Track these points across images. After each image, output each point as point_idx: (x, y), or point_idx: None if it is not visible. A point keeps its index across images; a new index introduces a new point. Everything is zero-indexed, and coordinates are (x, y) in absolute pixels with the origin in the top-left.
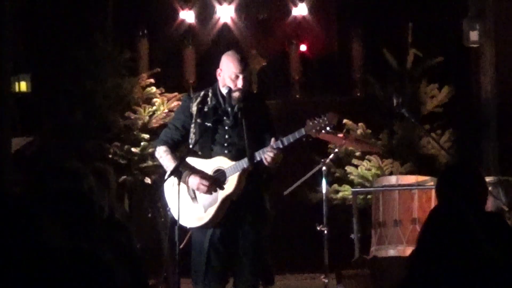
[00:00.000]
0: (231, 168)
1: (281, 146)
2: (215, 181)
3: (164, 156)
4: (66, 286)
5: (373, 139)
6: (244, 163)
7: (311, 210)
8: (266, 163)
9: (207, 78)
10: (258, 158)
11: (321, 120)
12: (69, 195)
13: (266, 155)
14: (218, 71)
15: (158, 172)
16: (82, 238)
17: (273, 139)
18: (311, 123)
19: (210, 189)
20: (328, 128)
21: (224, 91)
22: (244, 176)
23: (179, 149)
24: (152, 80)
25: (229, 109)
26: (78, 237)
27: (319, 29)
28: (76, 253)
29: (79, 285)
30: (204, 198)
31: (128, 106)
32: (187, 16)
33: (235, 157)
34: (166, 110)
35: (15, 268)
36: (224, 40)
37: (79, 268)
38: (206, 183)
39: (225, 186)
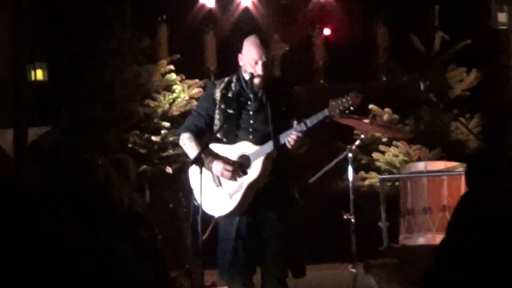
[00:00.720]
0: (255, 153)
1: (304, 128)
2: (240, 166)
3: (188, 143)
4: (84, 280)
5: (400, 124)
6: (268, 147)
7: (337, 198)
8: (289, 147)
9: (228, 64)
10: (282, 142)
11: (344, 100)
12: (86, 188)
13: (289, 138)
14: (240, 56)
15: (180, 161)
16: (100, 231)
17: (295, 122)
18: (334, 103)
19: (235, 175)
20: (351, 108)
21: (246, 76)
22: (269, 161)
23: (203, 136)
24: (172, 67)
25: (252, 95)
26: (96, 230)
27: (343, 13)
28: (93, 247)
29: (97, 279)
30: (229, 185)
31: (147, 94)
32: (208, 0)
33: (260, 142)
34: (186, 97)
35: (33, 261)
36: (245, 25)
37: (96, 262)
38: (230, 168)
39: (249, 171)
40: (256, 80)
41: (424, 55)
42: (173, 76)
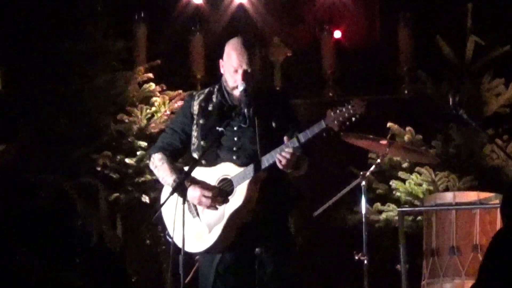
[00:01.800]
0: (239, 176)
1: (297, 144)
2: (220, 192)
3: (159, 166)
4: None
5: (425, 147)
6: (255, 169)
7: (348, 234)
8: (281, 167)
9: (219, 72)
10: (267, 164)
11: (344, 109)
12: (45, 217)
13: (280, 156)
14: (221, 62)
15: (158, 188)
16: (61, 269)
17: (286, 137)
18: (332, 114)
19: (215, 203)
20: (353, 119)
21: (240, 87)
22: (256, 186)
23: (179, 158)
24: (151, 75)
25: (242, 106)
26: (56, 267)
27: (357, 12)
28: (55, 284)
29: None
30: (208, 215)
31: (121, 107)
32: None
33: (245, 164)
34: (168, 112)
35: None
36: (240, 26)
37: None
38: (209, 194)
39: (232, 198)
40: (236, 92)
41: (454, 63)
42: (152, 85)
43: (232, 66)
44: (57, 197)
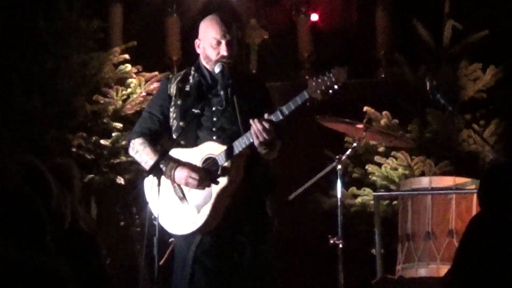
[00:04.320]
0: (223, 154)
1: (280, 117)
2: (208, 172)
3: (141, 150)
4: None
5: (401, 131)
6: (239, 145)
7: (323, 218)
8: (257, 142)
9: (195, 54)
10: (247, 142)
11: (326, 78)
12: (19, 198)
13: (258, 130)
14: (197, 42)
15: (133, 170)
16: (35, 251)
17: (266, 114)
18: (314, 83)
19: (202, 183)
20: (336, 87)
21: (217, 69)
22: (241, 162)
23: (159, 141)
24: (126, 56)
25: (218, 87)
26: (30, 249)
27: None
28: (26, 268)
29: None
30: (195, 196)
31: (96, 88)
32: None
33: (226, 143)
34: (143, 93)
35: None
36: (216, 7)
37: (30, 285)
38: (196, 176)
39: (218, 177)
40: (219, 67)
41: (431, 47)
42: (128, 67)
43: (214, 38)
44: (30, 177)
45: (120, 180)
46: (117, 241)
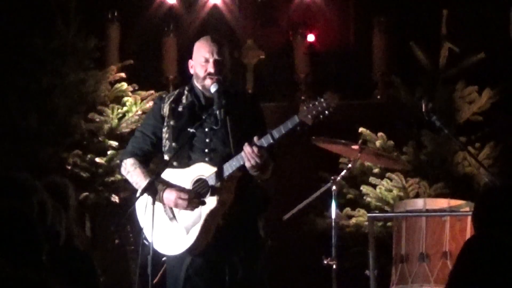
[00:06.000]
0: (214, 176)
1: (271, 141)
2: (197, 193)
3: (132, 171)
4: None
5: (396, 152)
6: (230, 167)
7: (317, 239)
8: (248, 165)
9: (189, 73)
10: (238, 165)
11: (317, 103)
12: (13, 215)
13: (249, 154)
14: (190, 62)
15: (128, 188)
16: (30, 268)
17: (256, 137)
18: (305, 108)
19: (191, 204)
20: (327, 112)
21: (213, 89)
22: (233, 184)
23: (151, 161)
24: (123, 75)
25: (214, 106)
26: (25, 266)
27: (331, 16)
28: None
29: None
30: (185, 217)
31: (92, 106)
32: None
33: (218, 165)
34: (139, 112)
35: None
36: (213, 27)
37: None
38: (185, 196)
39: (208, 199)
40: (207, 82)
41: (428, 69)
42: (124, 85)
43: (203, 57)
44: (26, 195)
45: (115, 199)
46: (111, 259)
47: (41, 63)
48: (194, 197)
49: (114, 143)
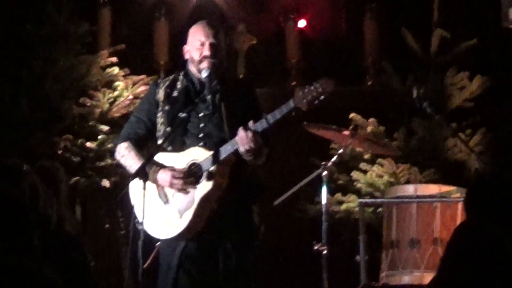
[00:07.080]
0: (208, 160)
1: (266, 126)
2: (191, 175)
3: (126, 155)
4: None
5: (387, 139)
6: (224, 152)
7: (307, 225)
8: (242, 150)
9: (183, 58)
10: (232, 149)
11: (312, 88)
12: (4, 200)
13: (244, 139)
14: (185, 47)
15: (119, 173)
16: (20, 253)
17: (251, 122)
18: (300, 93)
19: (186, 185)
20: (322, 97)
21: (204, 74)
22: (226, 169)
23: (146, 146)
24: (114, 59)
25: (205, 91)
26: (15, 251)
27: (323, 2)
28: (11, 270)
29: None
30: (178, 200)
31: (83, 91)
32: None
33: (212, 149)
34: (130, 96)
35: None
36: (205, 12)
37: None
38: (180, 175)
39: (202, 182)
40: (203, 65)
41: (419, 56)
42: (115, 70)
43: (199, 40)
44: (17, 180)
45: (106, 183)
46: (102, 244)
47: (32, 48)
48: (189, 176)
49: (105, 128)
